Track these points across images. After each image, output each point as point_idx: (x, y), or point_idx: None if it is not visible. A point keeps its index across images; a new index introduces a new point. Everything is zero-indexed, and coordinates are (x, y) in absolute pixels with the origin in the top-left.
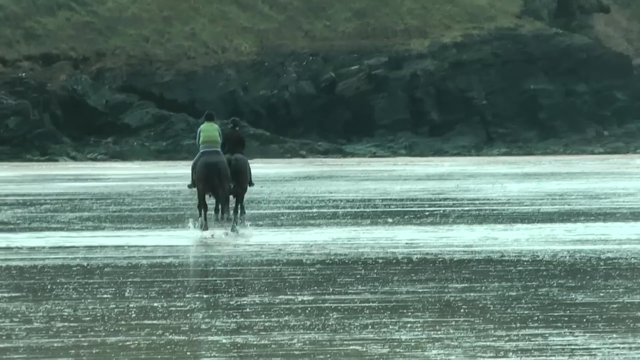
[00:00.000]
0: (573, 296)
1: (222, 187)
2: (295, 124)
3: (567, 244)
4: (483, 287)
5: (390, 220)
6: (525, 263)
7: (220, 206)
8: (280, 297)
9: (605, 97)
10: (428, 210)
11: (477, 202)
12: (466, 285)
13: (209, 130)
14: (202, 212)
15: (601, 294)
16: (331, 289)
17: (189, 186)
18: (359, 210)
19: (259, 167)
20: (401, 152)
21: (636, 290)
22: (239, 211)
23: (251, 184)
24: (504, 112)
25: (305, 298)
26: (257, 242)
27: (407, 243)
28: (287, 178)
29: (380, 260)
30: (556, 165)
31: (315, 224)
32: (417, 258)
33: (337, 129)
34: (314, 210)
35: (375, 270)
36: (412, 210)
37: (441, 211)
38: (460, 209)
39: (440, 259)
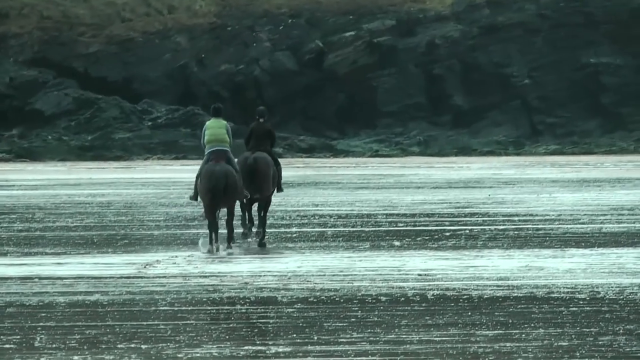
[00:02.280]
0: None
1: (230, 202)
2: (269, 110)
3: (638, 276)
4: (523, 335)
5: (397, 243)
6: (582, 302)
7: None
8: (246, 347)
9: None
10: (449, 230)
11: (516, 218)
12: (500, 332)
13: (215, 127)
14: (212, 231)
15: None
16: (316, 337)
17: (190, 198)
18: (354, 229)
19: None
20: (413, 149)
21: None
22: (262, 223)
23: (280, 189)
24: (554, 96)
25: (281, 349)
26: (216, 272)
27: (420, 275)
28: None
29: (384, 298)
30: (625, 169)
31: (294, 248)
32: (433, 295)
33: (326, 119)
34: (294, 229)
35: (377, 312)
36: (428, 230)
37: (467, 231)
38: (493, 228)
39: (466, 297)
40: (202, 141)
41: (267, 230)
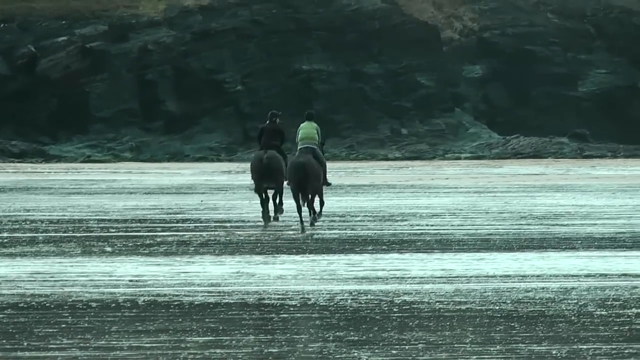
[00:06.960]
0: (356, 354)
1: (308, 186)
2: None
3: (349, 282)
4: (234, 342)
5: (108, 249)
6: (292, 308)
7: (306, 203)
8: None
9: (404, 82)
10: (160, 236)
11: (228, 224)
12: (211, 338)
13: (308, 128)
14: (298, 211)
15: (394, 351)
16: (26, 343)
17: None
18: (66, 235)
19: None
20: (126, 155)
21: (441, 347)
22: (276, 206)
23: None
24: (267, 102)
25: None
26: None
27: (131, 281)
28: None
29: (94, 304)
30: (336, 176)
31: (5, 254)
32: (144, 301)
33: (39, 124)
34: (4, 235)
35: (87, 318)
36: (139, 236)
37: (179, 237)
38: (205, 234)
39: (177, 303)
40: (296, 138)
41: None
